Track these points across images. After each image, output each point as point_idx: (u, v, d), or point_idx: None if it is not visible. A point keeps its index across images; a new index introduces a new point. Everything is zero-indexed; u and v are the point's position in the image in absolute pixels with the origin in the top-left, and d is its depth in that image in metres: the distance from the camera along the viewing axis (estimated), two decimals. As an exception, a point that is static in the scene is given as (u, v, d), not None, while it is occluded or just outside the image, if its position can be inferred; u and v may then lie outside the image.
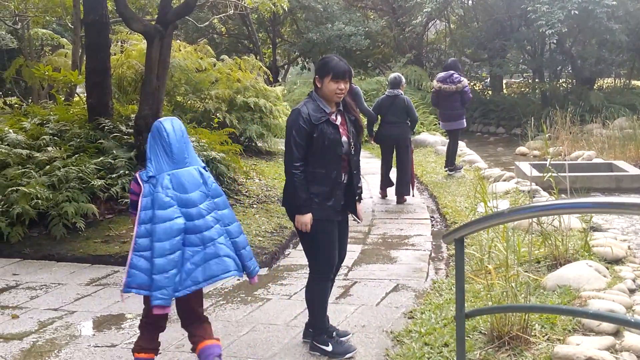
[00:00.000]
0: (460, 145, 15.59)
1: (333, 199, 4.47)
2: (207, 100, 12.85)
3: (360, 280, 6.27)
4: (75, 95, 12.85)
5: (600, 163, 12.81)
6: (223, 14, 16.50)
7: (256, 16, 23.87)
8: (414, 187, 9.94)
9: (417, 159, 13.74)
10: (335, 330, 4.76)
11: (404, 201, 9.78)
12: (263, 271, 6.71)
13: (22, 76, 13.70)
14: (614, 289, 5.15)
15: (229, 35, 27.33)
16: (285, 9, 14.11)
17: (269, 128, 13.38)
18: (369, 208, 9.42)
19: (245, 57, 15.53)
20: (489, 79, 27.70)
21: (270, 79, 18.82)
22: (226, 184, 9.25)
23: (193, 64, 13.03)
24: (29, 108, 10.94)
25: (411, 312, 5.30)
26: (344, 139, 4.48)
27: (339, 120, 4.50)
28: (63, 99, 11.80)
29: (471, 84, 28.08)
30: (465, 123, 11.34)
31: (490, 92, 26.78)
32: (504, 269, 4.76)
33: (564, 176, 6.72)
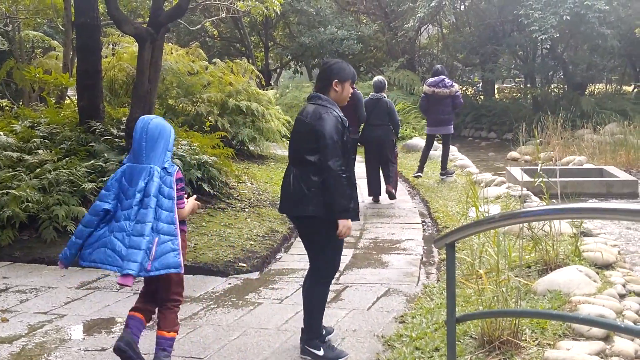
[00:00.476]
0: (452, 150, 15.64)
1: (354, 202, 4.52)
2: (199, 103, 12.83)
3: (352, 284, 6.27)
4: (66, 97, 12.79)
5: (591, 168, 12.86)
6: (215, 17, 16.49)
7: (248, 19, 23.88)
8: (396, 189, 10.20)
9: (409, 164, 13.78)
10: (325, 329, 4.77)
11: (395, 197, 10.07)
12: (254, 275, 6.71)
13: (13, 78, 13.61)
14: (604, 294, 5.16)
15: (221, 39, 27.32)
16: (278, 12, 14.09)
17: (261, 132, 13.36)
18: (360, 212, 9.40)
19: (237, 61, 15.51)
20: (481, 84, 27.79)
21: (263, 82, 18.79)
22: (218, 187, 9.23)
23: (185, 67, 13.01)
24: (19, 110, 10.87)
25: (402, 317, 5.30)
26: None
27: None
28: (54, 101, 11.75)
29: (463, 88, 28.20)
30: (453, 129, 11.45)
31: (482, 97, 26.85)
32: (495, 273, 4.77)
33: (555, 181, 6.74)
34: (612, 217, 3.33)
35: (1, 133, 8.90)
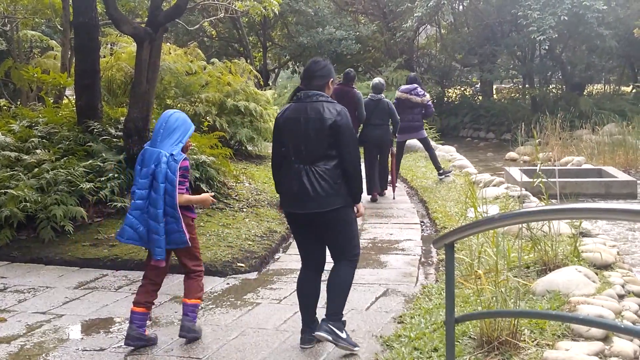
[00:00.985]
0: (450, 150, 15.69)
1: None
2: (197, 103, 12.81)
3: (350, 284, 6.25)
4: (65, 97, 12.77)
5: (589, 169, 12.87)
6: (213, 17, 16.43)
7: (247, 19, 23.84)
8: (395, 189, 10.58)
9: (407, 164, 13.77)
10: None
11: (384, 194, 10.58)
12: (252, 275, 6.70)
13: (11, 78, 13.57)
14: (603, 295, 5.16)
15: (219, 39, 27.30)
16: (276, 12, 14.07)
17: (259, 132, 13.33)
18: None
19: (235, 61, 15.48)
20: (479, 85, 27.83)
21: (261, 82, 18.78)
22: (216, 187, 9.21)
23: (183, 67, 12.98)
24: (17, 110, 10.85)
25: (401, 317, 5.29)
26: None
27: None
28: (52, 101, 11.72)
29: (462, 89, 28.24)
30: (425, 133, 11.80)
31: (480, 98, 26.90)
32: (494, 274, 4.77)
33: (553, 182, 6.74)
34: (611, 218, 3.33)
35: (-1, 133, 8.89)
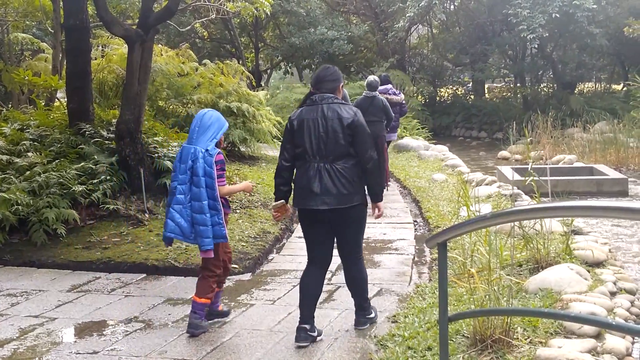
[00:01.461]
0: (443, 149, 15.72)
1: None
2: (190, 105, 12.79)
3: (344, 284, 6.19)
4: (56, 100, 12.73)
5: (581, 167, 12.91)
6: (205, 19, 16.39)
7: (238, 20, 23.81)
8: (387, 184, 10.76)
9: (400, 164, 13.80)
10: (317, 329, 4.87)
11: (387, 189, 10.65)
12: (246, 276, 6.69)
13: (2, 81, 13.54)
14: (595, 292, 5.18)
15: (211, 40, 27.26)
16: (268, 13, 14.08)
17: (252, 133, 13.32)
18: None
19: (227, 62, 15.45)
20: (471, 84, 27.89)
21: (253, 83, 18.76)
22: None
23: (175, 68, 12.96)
24: (8, 113, 10.80)
25: (394, 316, 5.30)
26: None
27: None
28: (43, 104, 11.68)
29: (454, 88, 28.32)
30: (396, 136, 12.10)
31: (472, 97, 26.95)
32: (487, 272, 4.78)
33: (545, 180, 6.76)
34: (603, 215, 3.34)
35: (-10, 136, 8.86)
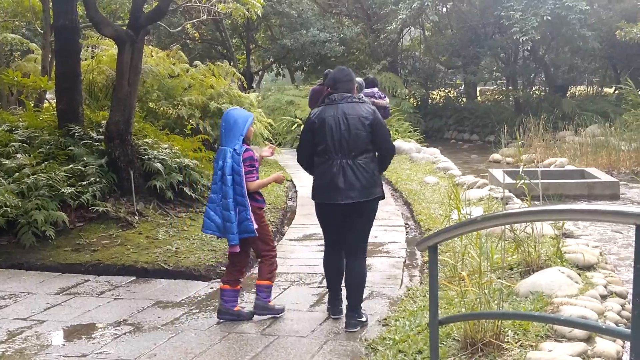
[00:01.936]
0: (435, 152, 15.72)
1: None
2: (180, 106, 12.75)
3: (335, 287, 6.22)
4: (45, 101, 12.67)
5: (572, 170, 12.93)
6: (196, 20, 16.36)
7: (230, 22, 23.76)
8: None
9: (392, 166, 13.67)
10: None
11: None
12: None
13: (-9, 82, 13.48)
14: (585, 295, 5.17)
15: (202, 41, 27.19)
16: (259, 14, 14.06)
17: (243, 135, 13.30)
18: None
19: (218, 63, 15.41)
20: (463, 86, 27.92)
21: (245, 85, 18.73)
22: (199, 191, 9.16)
23: (165, 69, 12.92)
24: (-3, 114, 10.75)
25: (385, 320, 5.28)
26: None
27: None
28: (32, 105, 11.60)
29: (446, 91, 28.37)
30: None
31: (464, 100, 26.98)
32: (477, 275, 4.76)
33: (536, 183, 6.76)
34: (594, 219, 3.33)
35: (-21, 137, 8.79)
